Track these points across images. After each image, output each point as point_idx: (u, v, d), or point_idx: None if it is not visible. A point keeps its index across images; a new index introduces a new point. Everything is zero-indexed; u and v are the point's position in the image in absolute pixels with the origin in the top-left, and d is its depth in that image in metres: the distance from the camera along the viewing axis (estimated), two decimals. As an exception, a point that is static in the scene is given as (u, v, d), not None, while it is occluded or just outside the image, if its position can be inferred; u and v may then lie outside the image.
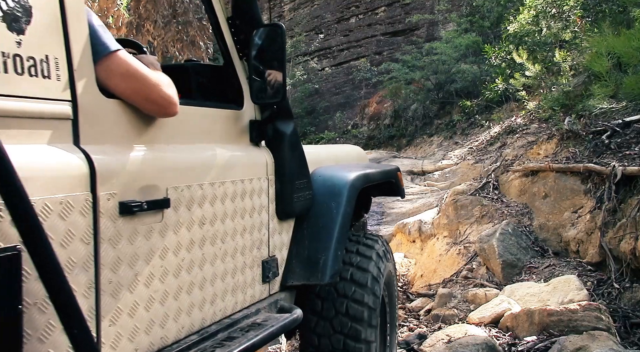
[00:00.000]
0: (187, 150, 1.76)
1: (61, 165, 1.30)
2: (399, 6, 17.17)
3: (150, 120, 1.63)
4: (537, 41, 8.18)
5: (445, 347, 3.38)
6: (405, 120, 13.35)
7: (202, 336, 1.76)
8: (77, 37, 1.38)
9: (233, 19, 2.13)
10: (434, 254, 6.02)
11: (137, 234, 1.51)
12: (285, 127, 2.20)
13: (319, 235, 2.29)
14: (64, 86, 1.35)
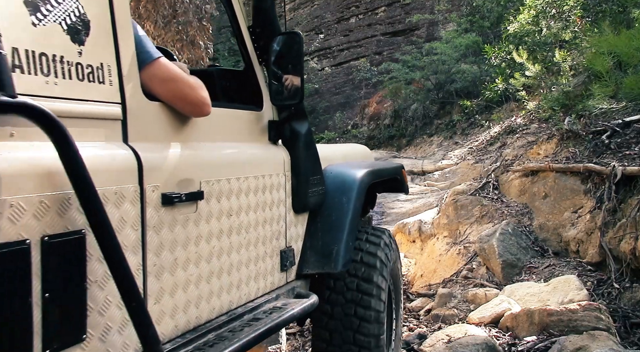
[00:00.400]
0: (216, 148, 1.95)
1: (115, 160, 1.47)
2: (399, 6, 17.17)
3: (184, 120, 1.81)
4: (537, 41, 8.18)
5: (445, 347, 3.38)
6: (405, 120, 13.35)
7: (230, 317, 1.94)
8: (125, 46, 1.56)
9: (253, 27, 2.30)
10: (434, 254, 6.01)
11: (176, 222, 1.68)
12: (300, 127, 2.38)
13: (332, 227, 2.46)
14: (115, 90, 1.53)
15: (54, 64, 1.35)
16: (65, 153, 1.21)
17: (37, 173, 1.24)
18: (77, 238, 1.31)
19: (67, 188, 1.27)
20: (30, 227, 1.21)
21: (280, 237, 2.29)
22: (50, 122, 1.19)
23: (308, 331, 4.41)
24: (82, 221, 1.30)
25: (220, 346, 1.73)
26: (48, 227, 1.24)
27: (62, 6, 1.38)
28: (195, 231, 1.76)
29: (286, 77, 2.25)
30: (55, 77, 1.35)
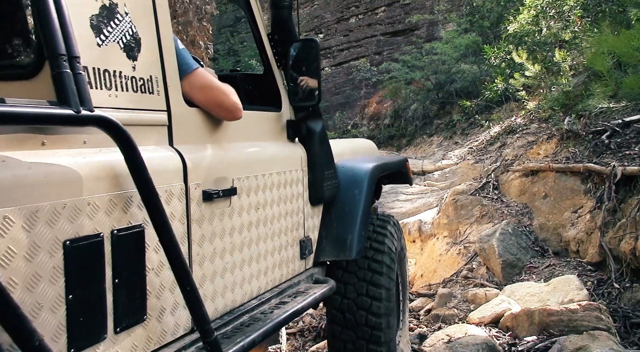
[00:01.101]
0: (244, 147, 2.15)
1: (165, 161, 1.66)
2: (399, 6, 17.16)
3: (217, 123, 2.00)
4: (537, 41, 8.18)
5: (445, 347, 3.38)
6: (405, 120, 13.34)
7: (260, 300, 2.15)
8: (169, 60, 1.75)
9: (272, 34, 2.48)
10: (434, 254, 6.02)
11: (214, 216, 1.88)
12: (315, 126, 2.56)
13: (345, 218, 2.65)
14: (162, 99, 1.71)
15: (114, 78, 1.54)
16: (131, 158, 1.38)
17: (107, 175, 1.43)
18: (138, 231, 1.51)
19: (129, 188, 1.48)
20: (102, 223, 1.41)
21: (299, 228, 2.49)
22: (120, 132, 1.36)
23: (308, 331, 4.41)
24: (141, 216, 1.51)
25: (255, 326, 1.93)
26: (115, 222, 1.44)
27: (119, 27, 1.57)
28: (230, 223, 1.96)
29: (304, 80, 2.46)
30: (116, 90, 1.54)
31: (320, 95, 2.50)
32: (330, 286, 2.49)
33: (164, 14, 1.74)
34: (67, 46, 1.32)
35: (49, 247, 1.27)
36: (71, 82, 1.30)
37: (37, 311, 1.20)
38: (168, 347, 1.65)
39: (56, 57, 1.29)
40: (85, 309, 1.34)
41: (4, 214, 1.16)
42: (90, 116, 1.31)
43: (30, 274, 1.22)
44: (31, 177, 1.25)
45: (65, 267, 1.30)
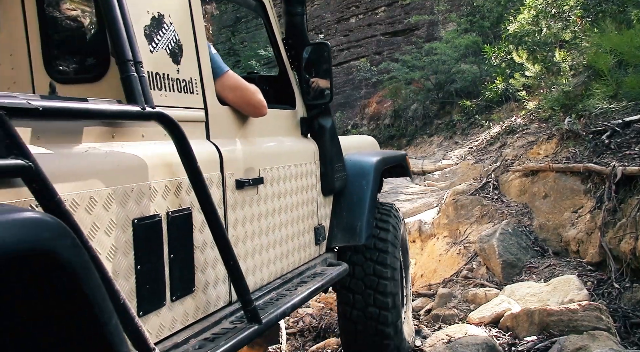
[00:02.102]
0: (267, 142, 2.38)
1: (206, 153, 1.86)
2: (399, 6, 17.15)
3: (244, 120, 2.23)
4: (537, 41, 8.17)
5: (445, 347, 3.37)
6: (405, 120, 13.33)
7: (283, 280, 2.39)
8: (205, 63, 1.99)
9: (287, 39, 2.73)
10: (434, 254, 6.02)
11: (245, 203, 2.11)
12: (326, 122, 2.79)
13: (354, 207, 2.88)
14: (200, 98, 1.94)
15: (163, 80, 1.76)
16: (183, 149, 1.59)
17: (163, 164, 1.66)
18: (187, 214, 1.72)
19: (180, 176, 1.69)
20: (160, 205, 1.62)
21: (314, 216, 2.74)
22: (175, 126, 1.58)
23: (308, 331, 4.41)
24: (189, 201, 1.73)
25: (283, 300, 2.17)
26: (170, 205, 1.65)
27: (165, 35, 1.79)
28: (257, 209, 2.20)
29: (316, 80, 2.69)
30: (165, 91, 1.76)
31: (332, 93, 2.74)
32: (343, 268, 2.76)
33: (199, 23, 1.97)
34: (132, 53, 1.55)
35: (122, 224, 1.48)
36: (137, 83, 1.54)
37: (115, 278, 1.35)
38: (211, 316, 1.88)
39: (125, 62, 1.53)
40: (149, 279, 1.55)
41: (90, 195, 1.38)
42: (153, 112, 1.54)
43: (109, 247, 1.42)
44: (108, 164, 1.47)
45: (134, 242, 1.51)
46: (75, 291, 1.08)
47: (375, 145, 3.79)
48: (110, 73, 1.66)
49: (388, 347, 3.01)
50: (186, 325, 1.74)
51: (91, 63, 1.83)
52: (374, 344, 2.98)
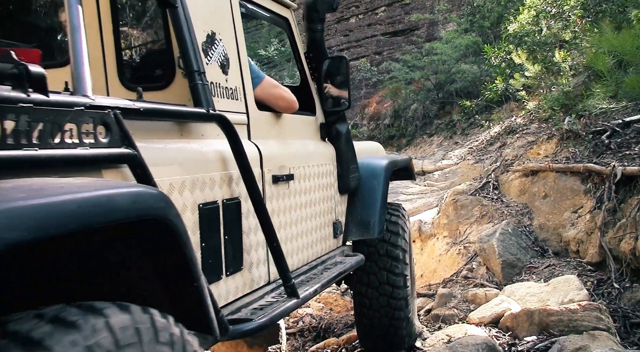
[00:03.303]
0: (295, 143, 2.67)
1: (249, 151, 2.06)
2: (399, 6, 17.15)
3: (276, 124, 2.55)
4: (537, 41, 8.17)
5: (445, 347, 3.37)
6: (405, 120, 13.33)
7: (310, 266, 2.67)
8: (246, 74, 2.28)
9: (308, 53, 3.05)
10: (433, 254, 6.02)
11: (279, 196, 2.38)
12: (342, 128, 3.10)
13: (368, 204, 3.16)
14: (243, 104, 2.23)
15: (216, 88, 2.03)
16: (236, 147, 1.89)
17: (219, 159, 1.93)
18: (237, 202, 1.99)
19: (232, 169, 1.98)
20: (217, 194, 1.90)
21: (332, 212, 3.01)
22: (230, 127, 1.89)
23: (308, 331, 4.41)
24: (238, 191, 2.00)
25: (314, 281, 2.47)
26: (225, 194, 1.92)
27: (217, 50, 2.08)
28: (289, 203, 2.46)
29: (335, 90, 3.03)
30: (217, 98, 2.03)
31: (350, 101, 3.08)
32: (360, 257, 3.05)
33: (241, 39, 2.29)
34: (198, 65, 1.86)
35: (191, 208, 1.75)
36: (203, 90, 1.85)
37: None
38: (254, 293, 2.14)
39: (193, 73, 1.85)
40: (210, 255, 1.81)
41: (170, 182, 1.65)
42: (216, 115, 1.87)
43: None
44: (181, 157, 1.75)
45: (200, 224, 1.77)
46: (177, 250, 1.36)
47: (382, 151, 4.06)
48: (175, 82, 2.01)
49: (401, 334, 3.36)
50: (237, 298, 2.01)
51: (159, 74, 2.17)
52: (388, 332, 3.32)
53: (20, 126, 1.14)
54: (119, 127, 1.40)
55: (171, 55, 2.00)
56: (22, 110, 1.14)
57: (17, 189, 1.00)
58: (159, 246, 1.37)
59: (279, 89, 2.56)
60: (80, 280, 1.40)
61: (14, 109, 1.12)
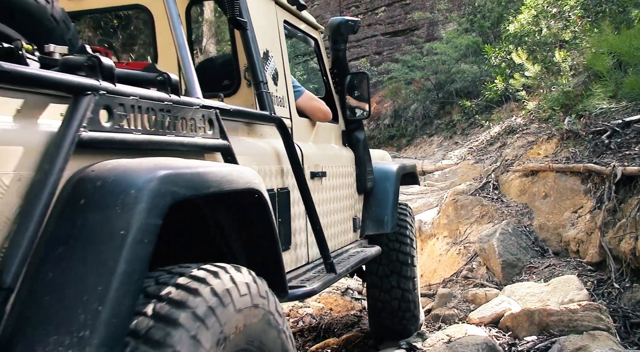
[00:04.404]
0: (325, 147, 3.08)
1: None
2: (399, 6, 17.15)
3: (311, 129, 2.97)
4: (537, 41, 8.17)
5: (445, 347, 3.37)
6: (405, 120, 13.33)
7: (337, 254, 3.00)
8: (289, 85, 2.69)
9: (332, 68, 3.49)
10: (434, 254, 6.02)
11: (315, 190, 2.69)
12: (360, 135, 3.51)
13: (382, 203, 3.55)
14: (288, 111, 2.61)
15: (271, 97, 2.34)
16: (289, 146, 2.27)
17: (275, 154, 2.31)
18: (287, 192, 2.28)
19: (284, 164, 2.33)
20: (274, 183, 2.23)
21: (352, 209, 3.38)
22: (286, 129, 2.27)
23: (308, 331, 4.41)
24: (288, 182, 2.32)
25: (345, 263, 2.83)
26: (279, 184, 2.22)
27: (270, 65, 2.47)
28: (322, 196, 2.80)
29: (356, 101, 3.46)
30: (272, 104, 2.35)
31: (370, 111, 3.54)
32: (378, 248, 3.43)
33: (285, 55, 2.69)
34: (262, 76, 2.28)
35: None
36: (267, 98, 2.25)
37: None
38: (297, 269, 2.48)
39: (259, 83, 2.25)
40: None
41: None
42: (276, 117, 2.25)
43: None
44: (253, 151, 2.14)
45: None
46: (263, 218, 1.72)
47: (389, 157, 4.48)
48: (241, 90, 2.42)
49: (409, 317, 3.76)
50: (287, 271, 2.25)
51: (226, 83, 2.49)
52: (397, 316, 3.71)
53: (163, 118, 1.52)
54: (218, 123, 1.79)
55: (237, 67, 2.43)
56: (166, 107, 1.54)
57: (172, 162, 1.38)
58: (246, 215, 1.72)
59: (317, 102, 3.01)
60: (186, 243, 1.79)
61: (161, 106, 1.51)
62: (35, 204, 1.09)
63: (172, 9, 1.92)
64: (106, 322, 1.03)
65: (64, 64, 1.33)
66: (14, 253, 1.05)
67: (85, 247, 1.11)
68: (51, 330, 1.03)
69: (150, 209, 1.17)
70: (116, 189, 1.17)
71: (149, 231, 1.16)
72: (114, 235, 1.12)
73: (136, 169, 1.23)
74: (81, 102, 1.24)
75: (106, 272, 1.08)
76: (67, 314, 1.04)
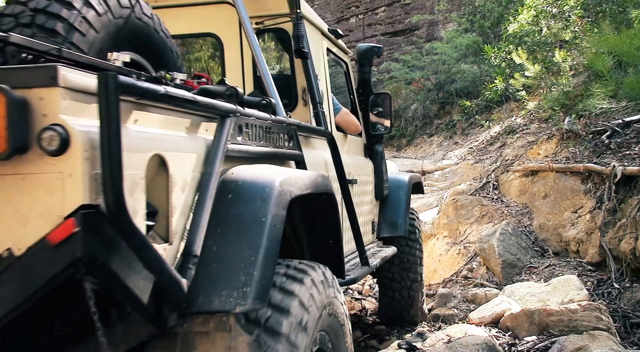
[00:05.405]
0: (353, 158, 3.42)
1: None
2: (399, 6, 17.14)
3: (344, 142, 3.32)
4: (537, 41, 8.17)
5: (445, 347, 3.37)
6: (405, 120, 13.32)
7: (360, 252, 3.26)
8: (330, 103, 3.07)
9: (358, 88, 3.88)
10: (434, 254, 6.01)
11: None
12: (379, 148, 3.90)
13: (396, 209, 3.94)
14: (331, 127, 2.89)
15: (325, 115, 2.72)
16: (336, 156, 2.66)
17: (324, 163, 2.65)
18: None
19: (331, 171, 2.65)
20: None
21: (371, 213, 3.74)
22: (334, 142, 2.67)
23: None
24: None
25: (372, 259, 3.15)
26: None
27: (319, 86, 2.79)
28: (353, 200, 2.94)
29: (377, 118, 3.84)
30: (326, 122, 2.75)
31: (392, 126, 3.94)
32: (394, 248, 3.78)
33: (328, 78, 3.09)
34: (319, 97, 2.65)
35: None
36: (322, 116, 2.64)
37: None
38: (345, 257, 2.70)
39: (316, 103, 2.64)
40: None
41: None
42: (327, 132, 2.65)
43: None
44: (311, 160, 2.39)
45: None
46: (332, 215, 2.12)
47: (396, 168, 4.85)
48: (298, 109, 2.82)
49: (416, 307, 4.16)
50: None
51: (285, 102, 2.66)
52: (406, 305, 4.13)
53: (266, 133, 1.93)
54: (295, 137, 2.20)
55: (295, 89, 2.85)
56: (268, 125, 1.97)
57: (282, 169, 1.79)
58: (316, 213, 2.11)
59: (351, 117, 3.44)
60: None
61: (266, 124, 1.95)
62: (204, 196, 1.50)
63: (254, 43, 2.44)
64: (258, 282, 1.43)
65: (204, 91, 1.71)
66: (196, 230, 1.46)
67: (238, 229, 1.52)
68: (222, 286, 1.43)
69: (279, 203, 1.59)
70: (254, 188, 1.60)
71: (279, 219, 1.57)
72: (257, 221, 1.53)
73: (263, 173, 1.67)
74: (226, 122, 1.66)
75: (255, 247, 1.48)
76: (232, 276, 1.44)
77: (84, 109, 1.21)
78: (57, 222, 1.14)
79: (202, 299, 1.41)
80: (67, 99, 1.16)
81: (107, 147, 1.10)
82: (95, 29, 1.67)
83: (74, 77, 1.19)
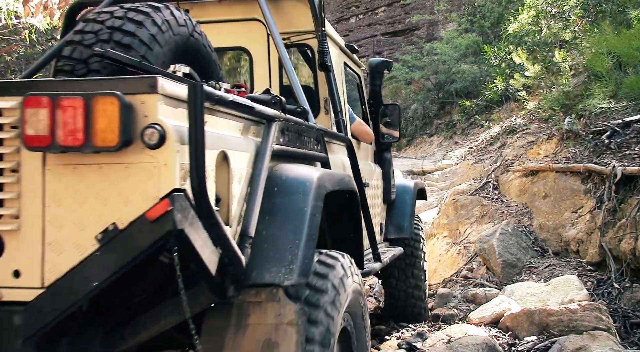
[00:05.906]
0: (365, 163, 3.58)
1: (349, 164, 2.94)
2: (399, 6, 17.13)
3: (358, 148, 3.43)
4: (537, 41, 8.17)
5: (445, 347, 3.37)
6: (405, 120, 13.30)
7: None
8: (346, 112, 3.22)
9: (369, 100, 4.07)
10: (434, 254, 6.02)
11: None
12: (387, 155, 4.09)
13: (402, 212, 4.14)
14: (347, 133, 3.06)
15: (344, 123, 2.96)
16: (353, 160, 2.81)
17: (342, 166, 2.82)
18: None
19: (348, 173, 2.73)
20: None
21: (379, 216, 3.89)
22: (352, 148, 2.87)
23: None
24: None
25: (383, 257, 3.31)
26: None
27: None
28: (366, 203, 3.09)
29: (386, 128, 4.02)
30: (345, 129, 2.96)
31: (400, 135, 4.20)
32: (401, 248, 3.96)
33: (345, 90, 3.27)
34: (340, 107, 2.88)
35: None
36: (343, 123, 2.87)
37: None
38: None
39: (337, 112, 2.87)
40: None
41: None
42: (347, 138, 2.86)
43: None
44: (335, 162, 2.63)
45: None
46: (355, 210, 2.40)
47: (400, 175, 4.98)
48: (320, 117, 2.99)
49: (420, 305, 4.30)
50: None
51: (313, 111, 2.84)
52: (410, 303, 4.27)
53: (300, 136, 2.19)
54: (322, 141, 2.43)
55: (318, 98, 3.04)
56: (302, 129, 2.23)
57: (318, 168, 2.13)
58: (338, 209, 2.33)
59: (365, 126, 3.64)
60: None
61: (300, 129, 2.20)
62: (256, 188, 1.76)
63: (285, 57, 2.63)
64: (302, 261, 1.71)
65: (251, 98, 1.92)
66: (250, 216, 1.71)
67: (283, 217, 1.79)
68: (272, 263, 1.69)
69: (317, 195, 1.88)
70: (296, 182, 1.88)
71: (318, 209, 1.87)
72: (300, 210, 1.81)
73: (302, 170, 1.97)
74: (272, 126, 1.90)
75: (299, 232, 1.76)
76: (280, 256, 1.71)
77: (174, 111, 1.48)
78: (154, 202, 1.40)
79: (255, 273, 1.67)
80: (162, 103, 1.43)
81: (195, 142, 1.36)
82: (160, 44, 1.93)
83: (168, 85, 1.46)
